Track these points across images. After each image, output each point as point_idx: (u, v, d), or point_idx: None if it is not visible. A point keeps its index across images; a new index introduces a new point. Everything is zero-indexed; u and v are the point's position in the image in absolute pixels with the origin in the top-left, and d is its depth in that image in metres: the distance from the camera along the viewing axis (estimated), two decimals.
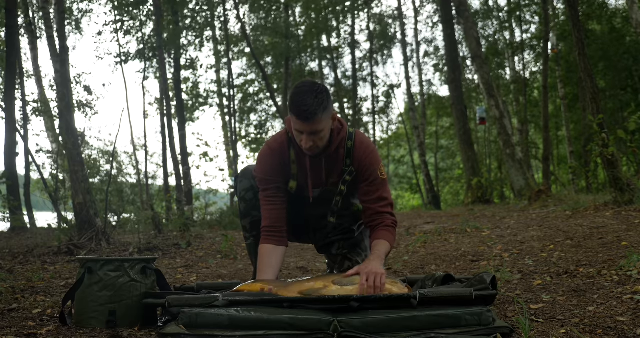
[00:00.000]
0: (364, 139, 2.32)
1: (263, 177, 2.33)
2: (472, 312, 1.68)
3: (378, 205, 2.28)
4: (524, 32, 18.38)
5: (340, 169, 2.30)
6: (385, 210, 2.29)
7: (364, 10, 18.95)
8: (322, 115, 2.08)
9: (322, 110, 2.07)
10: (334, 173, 2.31)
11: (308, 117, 2.05)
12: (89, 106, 14.42)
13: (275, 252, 2.28)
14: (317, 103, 2.05)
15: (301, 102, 2.05)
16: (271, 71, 18.11)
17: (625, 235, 3.47)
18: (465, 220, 6.02)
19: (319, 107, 2.06)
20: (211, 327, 1.67)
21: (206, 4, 15.12)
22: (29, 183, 11.12)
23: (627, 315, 1.80)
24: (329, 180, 2.33)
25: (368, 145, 2.31)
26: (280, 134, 2.34)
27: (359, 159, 2.28)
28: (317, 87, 2.10)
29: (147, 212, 7.03)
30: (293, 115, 2.09)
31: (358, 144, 2.28)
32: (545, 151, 15.13)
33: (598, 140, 5.24)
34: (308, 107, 2.04)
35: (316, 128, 2.10)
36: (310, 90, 2.07)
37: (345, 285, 1.98)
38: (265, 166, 2.32)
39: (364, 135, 2.35)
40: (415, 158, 18.93)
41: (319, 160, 2.28)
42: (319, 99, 2.06)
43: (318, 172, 2.31)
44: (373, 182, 2.28)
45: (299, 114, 2.06)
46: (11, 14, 9.17)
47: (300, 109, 2.05)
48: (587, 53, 5.77)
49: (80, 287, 1.96)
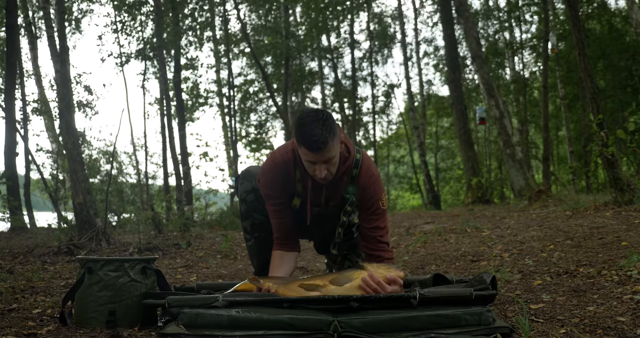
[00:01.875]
0: (370, 167, 2.27)
1: (267, 192, 2.31)
2: (472, 312, 1.68)
3: (377, 234, 2.28)
4: (523, 32, 18.40)
5: (340, 195, 2.28)
6: (384, 240, 2.30)
7: (364, 10, 18.94)
8: (332, 143, 2.04)
9: (331, 137, 2.03)
10: (333, 198, 2.30)
11: (320, 146, 2.01)
12: (89, 106, 14.42)
13: (287, 256, 2.31)
14: (326, 131, 2.01)
15: (310, 133, 2.00)
16: (271, 71, 18.11)
17: (625, 235, 3.47)
18: (465, 220, 6.02)
19: (328, 135, 2.01)
20: (211, 327, 1.67)
21: (206, 4, 15.12)
22: (29, 183, 11.12)
23: (627, 315, 1.80)
24: (328, 204, 2.32)
25: (372, 174, 2.27)
26: (286, 150, 2.28)
27: (363, 188, 2.25)
28: (321, 115, 2.05)
29: (147, 212, 7.03)
30: (303, 147, 2.03)
31: (363, 173, 2.24)
32: (545, 151, 15.13)
33: (598, 140, 5.24)
34: (318, 137, 1.99)
35: (328, 156, 2.06)
36: (316, 119, 2.02)
37: (343, 284, 1.98)
38: (269, 181, 2.29)
39: (370, 163, 2.30)
40: (415, 158, 18.93)
41: (321, 184, 2.25)
42: (326, 126, 2.02)
43: (318, 195, 2.29)
44: (374, 211, 2.26)
45: (310, 145, 2.01)
46: (11, 14, 9.18)
47: (311, 140, 2.00)
48: (587, 53, 5.77)
49: (80, 287, 1.96)
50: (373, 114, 20.09)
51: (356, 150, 2.26)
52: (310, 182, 2.24)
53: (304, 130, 2.01)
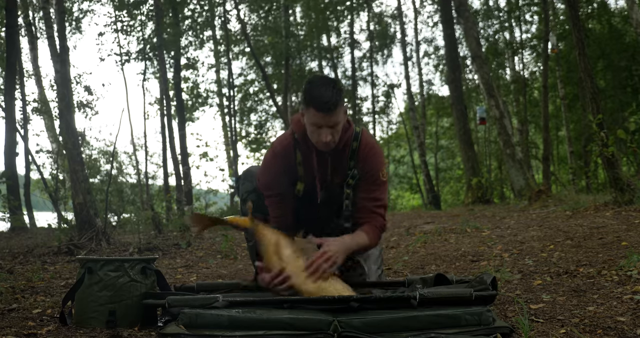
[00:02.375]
0: (369, 139, 2.29)
1: (268, 186, 2.30)
2: (472, 312, 1.68)
3: (372, 204, 2.27)
4: (523, 32, 18.40)
5: (344, 169, 2.28)
6: (378, 211, 2.28)
7: (365, 10, 18.94)
8: (341, 106, 2.08)
9: (341, 100, 2.07)
10: (338, 172, 2.29)
11: (330, 107, 2.04)
12: (89, 106, 14.43)
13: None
14: (337, 94, 2.05)
15: (321, 93, 2.04)
16: (271, 71, 18.11)
17: (625, 235, 3.47)
18: (465, 220, 6.02)
19: (339, 97, 2.05)
20: (211, 327, 1.67)
21: (207, 5, 15.12)
22: (29, 183, 11.13)
23: (627, 315, 1.80)
24: (333, 180, 2.31)
25: (372, 146, 2.29)
26: (285, 136, 2.29)
27: (363, 160, 2.26)
28: (332, 79, 2.11)
29: (147, 212, 7.03)
30: (312, 108, 2.06)
31: (363, 145, 2.26)
32: (545, 151, 15.13)
33: (598, 140, 5.24)
34: (329, 98, 2.03)
35: (336, 120, 2.08)
36: (327, 82, 2.07)
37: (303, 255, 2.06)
38: (268, 175, 2.28)
39: (369, 136, 2.32)
40: (415, 158, 18.91)
41: (325, 158, 2.25)
42: (336, 89, 2.06)
43: (324, 169, 2.28)
44: (374, 182, 2.27)
45: (320, 105, 2.04)
46: (11, 14, 9.18)
47: (322, 100, 2.03)
48: (587, 53, 5.77)
49: (80, 287, 1.96)
50: (373, 114, 20.09)
51: (356, 124, 2.30)
52: (316, 158, 2.23)
53: (315, 91, 2.05)
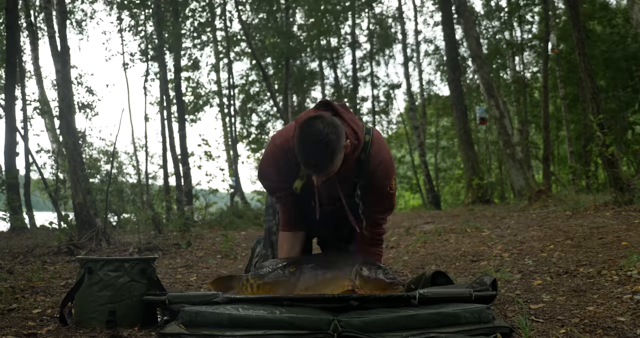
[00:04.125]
0: (379, 150, 2.12)
1: (269, 184, 2.25)
2: (471, 310, 1.68)
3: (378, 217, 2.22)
4: (524, 32, 18.39)
5: (350, 182, 2.15)
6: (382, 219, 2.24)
7: (365, 11, 18.93)
8: (333, 165, 1.92)
9: (332, 159, 1.90)
10: (343, 186, 2.16)
11: (318, 171, 1.92)
12: (89, 107, 14.43)
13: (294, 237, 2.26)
14: (328, 154, 1.87)
15: (310, 155, 1.87)
16: (272, 71, 18.12)
17: (625, 235, 3.47)
18: (465, 220, 6.02)
19: (329, 159, 1.89)
20: (211, 326, 1.67)
21: (207, 6, 15.13)
22: (29, 183, 11.11)
23: (627, 315, 1.80)
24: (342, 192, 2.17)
25: (382, 159, 2.12)
26: (286, 138, 2.13)
27: (372, 172, 2.12)
28: (324, 135, 1.87)
29: (147, 212, 7.03)
30: (302, 165, 1.93)
31: (372, 158, 2.10)
32: (545, 151, 15.12)
33: (598, 140, 5.24)
34: (317, 162, 1.88)
35: (328, 174, 1.97)
36: (317, 140, 1.86)
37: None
38: (270, 171, 2.20)
39: (380, 145, 2.13)
40: (415, 158, 18.92)
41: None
42: (329, 148, 1.87)
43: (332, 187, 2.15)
44: (381, 192, 2.16)
45: (309, 168, 1.91)
46: (11, 14, 9.17)
47: (309, 163, 1.89)
48: (587, 53, 5.77)
49: (80, 287, 1.96)
50: (373, 114, 20.08)
51: (365, 132, 2.10)
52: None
53: (305, 150, 1.89)
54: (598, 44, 13.89)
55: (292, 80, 17.13)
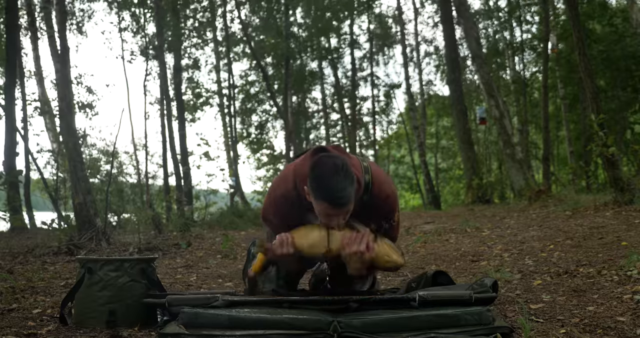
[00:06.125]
0: (380, 188, 2.04)
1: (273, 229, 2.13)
2: (471, 312, 1.68)
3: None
4: (524, 32, 18.39)
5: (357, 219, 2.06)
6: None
7: (365, 12, 18.92)
8: (353, 194, 1.86)
9: (352, 188, 1.85)
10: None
11: (344, 203, 1.83)
12: (89, 107, 14.43)
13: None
14: (349, 183, 1.82)
15: (333, 187, 1.80)
16: (272, 71, 18.13)
17: (625, 235, 3.47)
18: (465, 220, 6.02)
19: (351, 188, 1.83)
20: (211, 326, 1.67)
21: (208, 6, 15.15)
22: (29, 183, 11.12)
23: (627, 315, 1.80)
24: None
25: (386, 196, 2.06)
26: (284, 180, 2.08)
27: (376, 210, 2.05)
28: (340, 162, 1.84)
29: (147, 212, 7.03)
30: (324, 202, 1.83)
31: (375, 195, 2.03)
32: (545, 151, 15.12)
33: (598, 140, 5.24)
34: (342, 193, 1.80)
35: (349, 208, 1.88)
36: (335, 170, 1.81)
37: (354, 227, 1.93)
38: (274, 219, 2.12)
39: (381, 181, 2.05)
40: (415, 158, 18.92)
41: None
42: (348, 177, 1.83)
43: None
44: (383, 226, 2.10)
45: (333, 201, 1.82)
46: (11, 14, 9.17)
47: (335, 196, 1.81)
48: (587, 53, 5.77)
49: (80, 287, 1.96)
50: (373, 114, 20.09)
51: (364, 170, 2.02)
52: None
53: (325, 184, 1.81)
54: (595, 44, 13.89)
55: (292, 80, 17.14)
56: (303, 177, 1.94)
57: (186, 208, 10.27)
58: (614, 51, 13.73)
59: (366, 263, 1.92)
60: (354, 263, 1.93)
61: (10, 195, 8.23)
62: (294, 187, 2.02)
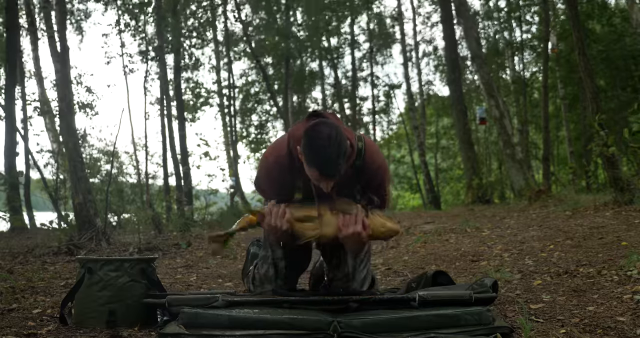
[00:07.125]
0: (373, 156, 2.10)
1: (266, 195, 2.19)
2: (471, 312, 1.68)
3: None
4: (524, 32, 18.39)
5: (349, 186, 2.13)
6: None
7: (365, 12, 18.92)
8: (344, 166, 1.89)
9: (344, 160, 1.87)
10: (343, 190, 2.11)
11: (334, 174, 1.85)
12: (89, 107, 14.43)
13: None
14: (341, 154, 1.84)
15: (323, 157, 1.82)
16: (272, 71, 18.13)
17: (625, 235, 3.47)
18: (465, 220, 6.02)
19: (342, 159, 1.85)
20: (211, 326, 1.67)
21: (208, 6, 15.15)
22: (29, 183, 11.12)
23: (627, 315, 1.80)
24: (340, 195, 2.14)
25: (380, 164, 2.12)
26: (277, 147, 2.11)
27: (370, 177, 2.12)
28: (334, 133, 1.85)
29: (147, 212, 7.03)
30: (315, 169, 1.86)
31: (367, 163, 2.08)
32: (545, 151, 15.12)
33: (598, 140, 5.24)
34: (332, 163, 1.83)
35: (338, 178, 1.90)
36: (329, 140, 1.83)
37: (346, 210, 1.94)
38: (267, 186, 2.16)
39: (373, 150, 2.11)
40: (415, 158, 18.92)
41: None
42: (341, 147, 1.85)
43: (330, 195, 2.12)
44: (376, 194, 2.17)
45: (323, 171, 1.85)
46: (11, 14, 9.18)
47: (325, 166, 1.84)
48: (587, 53, 5.78)
49: (80, 287, 1.96)
50: (373, 114, 20.08)
51: (357, 139, 2.08)
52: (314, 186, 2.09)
53: (318, 154, 1.84)
54: (595, 44, 13.89)
55: (292, 80, 17.14)
56: (298, 138, 1.96)
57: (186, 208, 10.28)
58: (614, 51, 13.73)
59: (365, 242, 1.97)
60: (352, 244, 1.97)
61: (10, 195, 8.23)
62: (287, 153, 2.04)
